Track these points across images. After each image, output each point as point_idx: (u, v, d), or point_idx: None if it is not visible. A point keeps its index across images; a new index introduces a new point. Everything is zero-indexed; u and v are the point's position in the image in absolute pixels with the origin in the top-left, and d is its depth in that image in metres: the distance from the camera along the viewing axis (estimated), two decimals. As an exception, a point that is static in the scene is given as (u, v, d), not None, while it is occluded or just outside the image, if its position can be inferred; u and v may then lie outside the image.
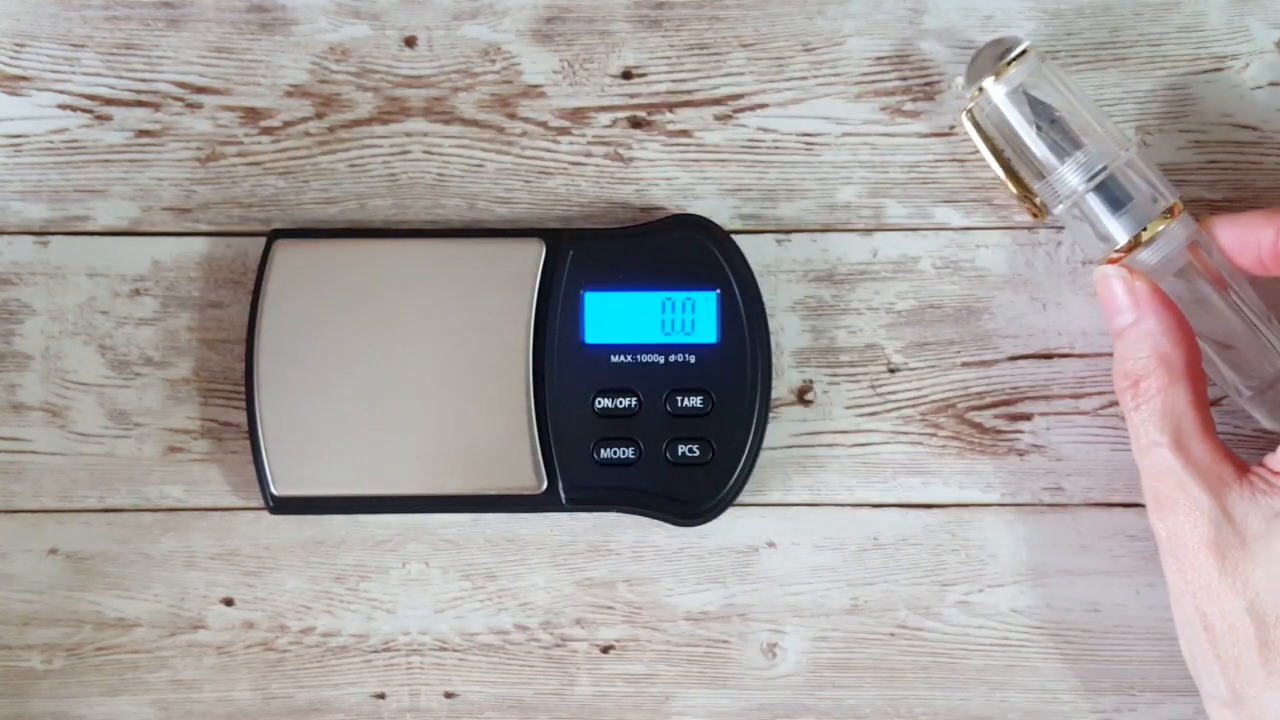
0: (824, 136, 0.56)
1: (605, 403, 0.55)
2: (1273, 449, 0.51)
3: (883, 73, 0.56)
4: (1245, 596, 0.49)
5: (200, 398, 0.57)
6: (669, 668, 0.57)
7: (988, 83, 0.53)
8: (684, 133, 0.57)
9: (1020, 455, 0.57)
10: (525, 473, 0.54)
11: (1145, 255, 0.52)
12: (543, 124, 0.57)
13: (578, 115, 0.57)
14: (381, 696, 0.57)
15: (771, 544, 0.57)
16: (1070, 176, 0.52)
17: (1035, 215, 0.54)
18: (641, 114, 0.57)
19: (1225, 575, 0.49)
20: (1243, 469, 0.51)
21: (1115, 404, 0.56)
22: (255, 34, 0.57)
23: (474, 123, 0.57)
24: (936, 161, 0.56)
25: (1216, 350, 0.53)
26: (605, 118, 0.57)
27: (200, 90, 0.56)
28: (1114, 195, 0.52)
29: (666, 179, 0.57)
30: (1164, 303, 0.52)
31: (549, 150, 0.57)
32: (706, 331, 0.55)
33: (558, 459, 0.54)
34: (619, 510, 0.55)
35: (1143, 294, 0.52)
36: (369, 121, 0.57)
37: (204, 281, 0.57)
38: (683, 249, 0.55)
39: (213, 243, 0.57)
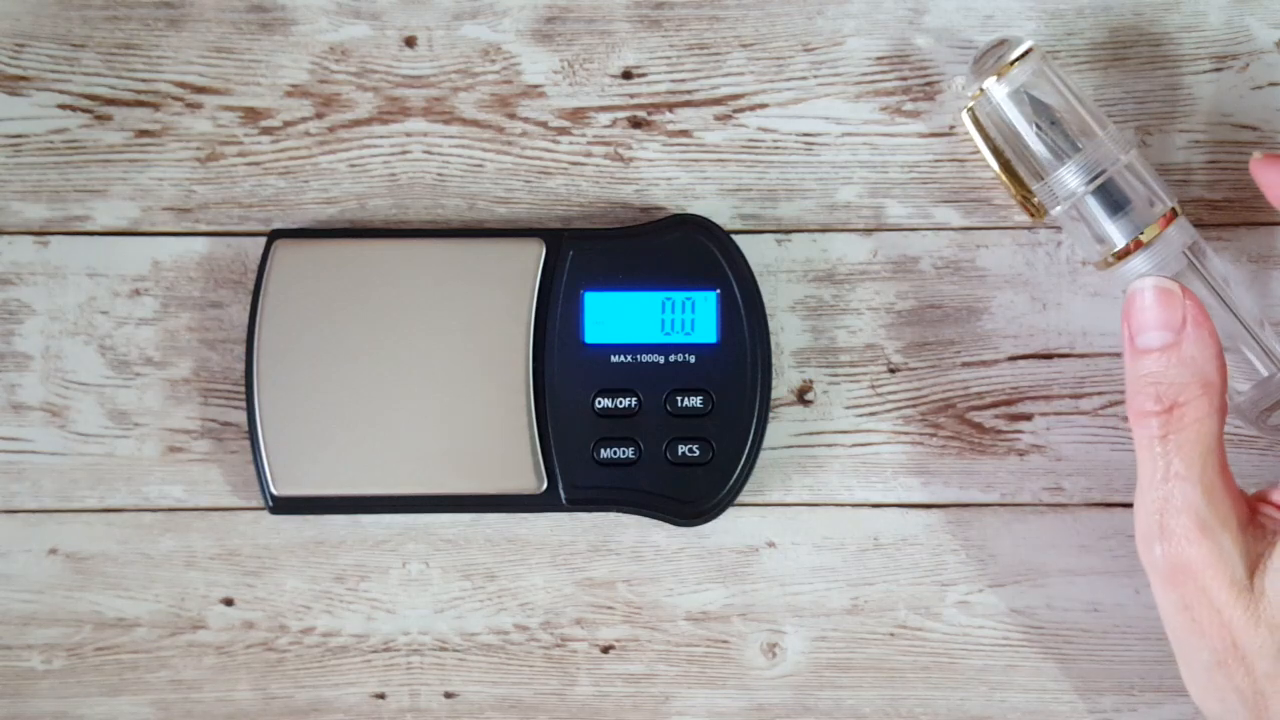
0: (824, 136, 0.56)
1: (605, 403, 0.55)
2: (1271, 447, 0.51)
3: (883, 73, 0.56)
4: (1269, 624, 0.47)
5: (200, 398, 0.57)
6: (669, 668, 0.57)
7: (990, 82, 0.53)
8: (684, 133, 0.56)
9: (1020, 455, 0.57)
10: (525, 473, 0.54)
11: (1141, 259, 0.52)
12: (543, 124, 0.57)
13: (578, 115, 0.57)
14: (381, 696, 0.57)
15: (771, 544, 0.57)
16: (1069, 179, 0.52)
17: (1033, 215, 0.54)
18: (641, 114, 0.57)
19: (1247, 610, 0.47)
20: (1252, 506, 0.50)
21: (1116, 404, 0.56)
22: (255, 34, 0.56)
23: (474, 123, 0.57)
24: (936, 161, 0.56)
25: None
26: (605, 118, 0.57)
27: (200, 90, 0.56)
28: (1112, 199, 0.52)
29: (666, 179, 0.57)
30: (1210, 323, 0.49)
31: (549, 150, 0.57)
32: (706, 331, 0.55)
33: (558, 459, 0.54)
34: (619, 510, 0.55)
35: (1193, 313, 0.49)
36: (369, 121, 0.57)
37: (204, 281, 0.57)
38: (683, 249, 0.55)
39: (213, 243, 0.57)
